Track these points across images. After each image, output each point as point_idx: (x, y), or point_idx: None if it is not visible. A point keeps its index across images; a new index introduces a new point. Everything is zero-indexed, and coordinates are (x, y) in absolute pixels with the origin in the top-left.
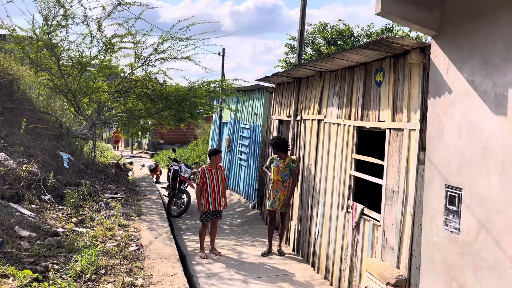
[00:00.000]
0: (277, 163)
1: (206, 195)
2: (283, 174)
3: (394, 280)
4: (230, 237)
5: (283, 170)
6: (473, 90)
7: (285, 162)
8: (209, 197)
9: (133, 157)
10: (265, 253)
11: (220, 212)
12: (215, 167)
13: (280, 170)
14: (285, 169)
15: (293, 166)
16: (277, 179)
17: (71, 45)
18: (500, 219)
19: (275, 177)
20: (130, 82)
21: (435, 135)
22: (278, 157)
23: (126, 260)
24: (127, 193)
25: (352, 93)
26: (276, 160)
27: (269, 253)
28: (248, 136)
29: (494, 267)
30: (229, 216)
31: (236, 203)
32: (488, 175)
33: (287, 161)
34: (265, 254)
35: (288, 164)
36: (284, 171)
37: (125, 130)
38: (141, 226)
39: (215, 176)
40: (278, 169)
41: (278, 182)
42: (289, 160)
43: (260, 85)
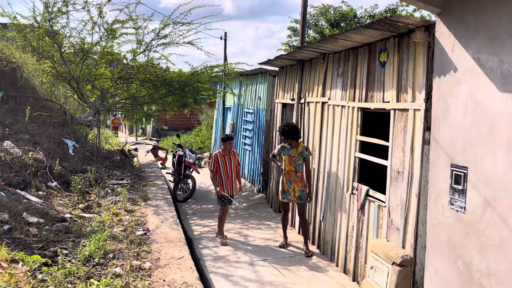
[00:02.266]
0: (288, 152)
1: (220, 180)
2: (296, 164)
3: (400, 259)
4: (236, 221)
5: (296, 159)
6: (479, 68)
7: (298, 150)
8: (223, 183)
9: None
10: (283, 244)
11: (232, 197)
12: (228, 153)
13: (293, 160)
14: (298, 158)
15: (306, 154)
16: (290, 169)
17: (73, 32)
18: (506, 197)
19: (288, 167)
20: (132, 68)
21: (440, 114)
22: (289, 145)
23: (133, 244)
24: (133, 179)
25: (356, 74)
26: (287, 148)
27: (287, 244)
28: (252, 121)
29: (500, 245)
30: (235, 200)
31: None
32: (494, 153)
33: (299, 149)
34: (283, 246)
35: (302, 153)
36: (297, 160)
37: (129, 116)
38: (148, 211)
39: (228, 161)
40: (291, 159)
41: (291, 173)
42: (302, 148)
43: (263, 69)
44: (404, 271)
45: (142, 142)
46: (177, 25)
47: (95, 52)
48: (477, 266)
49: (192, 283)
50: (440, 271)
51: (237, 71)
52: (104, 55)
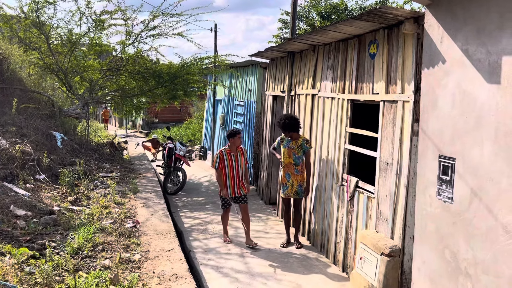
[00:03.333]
0: (288, 144)
1: (224, 180)
2: (296, 157)
3: (388, 250)
4: None
5: (296, 152)
6: (466, 59)
7: (298, 142)
8: (227, 183)
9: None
10: (284, 244)
11: (244, 197)
12: (234, 150)
13: (292, 152)
14: (297, 150)
15: (307, 147)
16: (289, 162)
17: (60, 23)
18: (492, 187)
19: (286, 160)
20: (121, 60)
21: (428, 106)
22: (287, 137)
23: (122, 236)
24: (122, 172)
25: (346, 66)
26: (287, 140)
27: (288, 243)
28: (243, 113)
29: (486, 234)
30: None
31: None
32: (481, 144)
33: (299, 142)
34: (284, 245)
35: (301, 145)
36: (296, 153)
37: (118, 109)
38: (137, 204)
39: (235, 159)
40: (290, 151)
41: (290, 166)
42: (302, 140)
43: (253, 61)
44: (392, 261)
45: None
46: (167, 16)
47: (84, 44)
48: (464, 256)
49: (182, 275)
50: (428, 261)
51: (227, 63)
52: (93, 47)
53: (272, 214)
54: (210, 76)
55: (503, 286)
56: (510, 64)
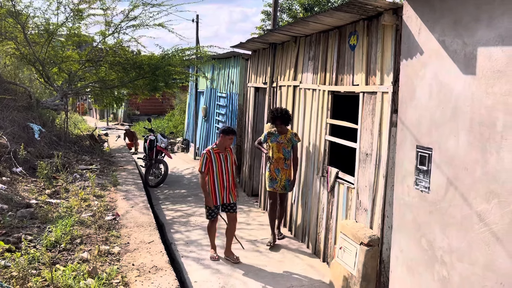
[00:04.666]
0: (276, 139)
1: (212, 185)
2: (285, 151)
3: (367, 239)
4: None
5: (285, 146)
6: (443, 51)
7: (287, 136)
8: (215, 188)
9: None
10: (271, 242)
11: (233, 205)
12: (223, 150)
13: (282, 147)
14: (287, 144)
15: (295, 140)
16: (279, 157)
17: (37, 12)
18: (467, 177)
19: (276, 155)
20: (101, 51)
21: (407, 97)
22: (276, 131)
23: (102, 229)
24: (103, 164)
25: (327, 58)
26: (275, 135)
27: (275, 245)
28: (225, 105)
29: (461, 222)
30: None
31: None
32: (457, 134)
33: (288, 136)
34: (271, 244)
35: (291, 139)
36: (286, 147)
37: (98, 100)
38: (117, 196)
39: (224, 160)
40: (279, 146)
41: (280, 161)
42: (291, 134)
43: (235, 53)
44: (371, 250)
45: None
46: (147, 7)
47: (62, 34)
48: (440, 244)
49: (162, 267)
50: (405, 250)
51: (209, 54)
52: (71, 37)
53: (255, 205)
54: (192, 68)
55: (477, 273)
56: (485, 55)
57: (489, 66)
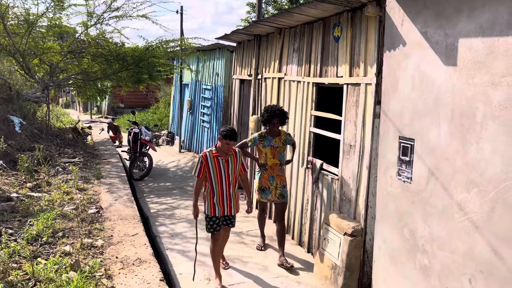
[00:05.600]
0: (270, 143)
1: (210, 193)
2: (281, 156)
3: (351, 230)
4: None
5: (281, 150)
6: (425, 42)
7: (281, 138)
8: (213, 197)
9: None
10: (262, 246)
11: (232, 219)
12: (224, 154)
13: (278, 151)
14: (282, 148)
15: (290, 140)
16: (274, 163)
17: (16, 2)
18: (448, 167)
19: (271, 161)
20: (83, 42)
21: (390, 88)
22: (267, 134)
23: (85, 222)
24: (86, 157)
25: (311, 50)
26: (268, 138)
27: (265, 245)
28: (210, 97)
29: (442, 212)
30: (193, 178)
31: None
32: (438, 125)
33: (283, 137)
34: (262, 248)
35: (286, 141)
36: (282, 151)
37: (81, 93)
38: (101, 189)
39: (224, 165)
40: (274, 151)
41: (275, 167)
42: (285, 135)
43: (220, 44)
44: (355, 241)
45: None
46: None
47: (42, 26)
48: (421, 233)
49: (146, 259)
50: (388, 240)
51: (194, 46)
52: (51, 28)
53: (240, 198)
54: (176, 60)
55: (457, 260)
56: (466, 46)
57: (469, 57)
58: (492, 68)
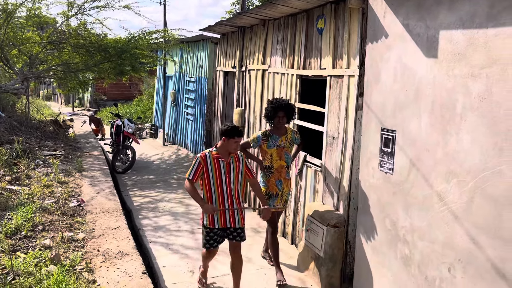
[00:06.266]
0: (276, 142)
1: (208, 201)
2: (288, 157)
3: (334, 221)
4: (178, 191)
5: (288, 150)
6: (407, 34)
7: (288, 137)
8: (213, 204)
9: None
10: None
11: (240, 231)
12: (226, 155)
13: (284, 152)
14: (289, 148)
15: (297, 139)
16: (280, 165)
17: None
18: (429, 158)
19: (277, 164)
20: (64, 33)
21: (372, 80)
22: (272, 132)
23: (66, 216)
24: (67, 150)
25: (295, 41)
26: (273, 137)
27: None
28: (194, 90)
29: (423, 202)
30: (177, 171)
31: (184, 157)
32: (419, 116)
33: (289, 135)
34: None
35: (292, 140)
36: (289, 151)
37: (62, 85)
38: (82, 182)
39: (225, 170)
40: (281, 151)
41: (282, 170)
42: (292, 133)
43: (204, 36)
44: (338, 231)
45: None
46: None
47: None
48: (402, 224)
49: (128, 252)
50: (370, 230)
51: (177, 38)
52: (31, 18)
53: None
54: (160, 52)
55: (437, 250)
56: (446, 38)
57: (450, 49)
58: (471, 60)
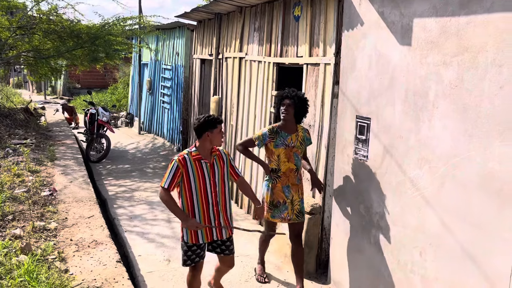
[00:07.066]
0: (285, 141)
1: (191, 212)
2: (298, 158)
3: (310, 208)
4: (154, 180)
5: (298, 151)
6: (382, 22)
7: (299, 136)
8: (195, 218)
9: (46, 103)
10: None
11: (228, 244)
12: (207, 154)
13: (294, 153)
14: (300, 149)
15: (309, 140)
16: (289, 168)
17: None
18: (402, 144)
19: (285, 166)
20: (34, 18)
21: (348, 68)
22: (281, 129)
23: (37, 205)
24: (38, 139)
25: (272, 29)
26: (282, 135)
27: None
28: (170, 78)
29: (396, 188)
30: (153, 160)
31: (161, 146)
32: (393, 104)
33: (300, 134)
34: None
35: (304, 139)
36: (298, 152)
37: (33, 71)
38: (55, 171)
39: (209, 172)
40: (290, 152)
41: (291, 174)
42: (303, 131)
43: (181, 23)
44: (313, 218)
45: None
46: None
47: None
48: (376, 210)
49: (102, 241)
50: (345, 217)
51: (153, 24)
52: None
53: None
54: (135, 39)
55: (409, 234)
56: (420, 26)
57: (423, 37)
58: (444, 48)
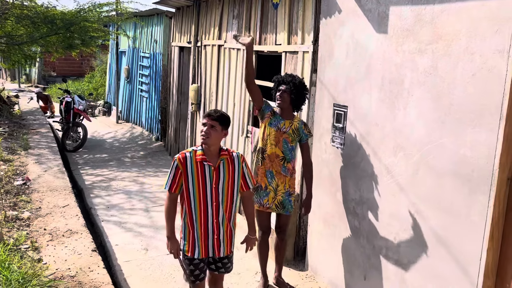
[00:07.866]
0: (277, 123)
1: (188, 221)
2: (287, 147)
3: None
4: (132, 169)
5: (288, 138)
6: (359, 9)
7: (293, 124)
8: (193, 229)
9: (20, 91)
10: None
11: (226, 262)
12: (214, 156)
13: (283, 138)
14: (291, 137)
15: (306, 134)
16: (274, 152)
17: None
18: (378, 132)
19: (271, 149)
20: (6, 3)
21: (325, 56)
22: (277, 113)
23: (9, 194)
24: (12, 127)
25: (251, 16)
26: (277, 117)
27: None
28: (148, 66)
29: (372, 175)
30: (131, 149)
31: (139, 135)
32: (369, 92)
33: (295, 123)
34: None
35: (298, 130)
36: (289, 140)
37: (5, 58)
38: (28, 160)
39: (212, 177)
40: (279, 136)
41: (275, 161)
42: (299, 122)
43: (159, 10)
44: None
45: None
46: None
47: None
48: (353, 196)
49: (77, 230)
50: (322, 204)
51: (130, 11)
52: None
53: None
54: (112, 26)
55: (384, 220)
56: (396, 14)
57: (399, 25)
58: (419, 35)
